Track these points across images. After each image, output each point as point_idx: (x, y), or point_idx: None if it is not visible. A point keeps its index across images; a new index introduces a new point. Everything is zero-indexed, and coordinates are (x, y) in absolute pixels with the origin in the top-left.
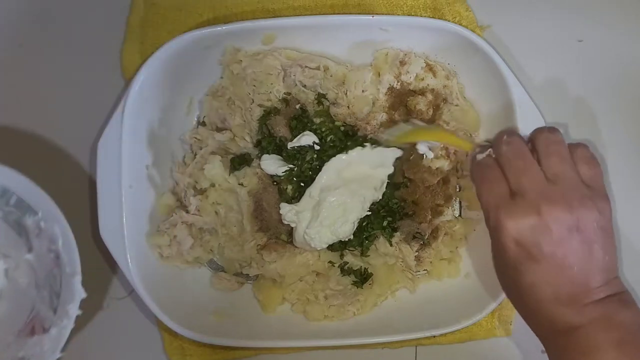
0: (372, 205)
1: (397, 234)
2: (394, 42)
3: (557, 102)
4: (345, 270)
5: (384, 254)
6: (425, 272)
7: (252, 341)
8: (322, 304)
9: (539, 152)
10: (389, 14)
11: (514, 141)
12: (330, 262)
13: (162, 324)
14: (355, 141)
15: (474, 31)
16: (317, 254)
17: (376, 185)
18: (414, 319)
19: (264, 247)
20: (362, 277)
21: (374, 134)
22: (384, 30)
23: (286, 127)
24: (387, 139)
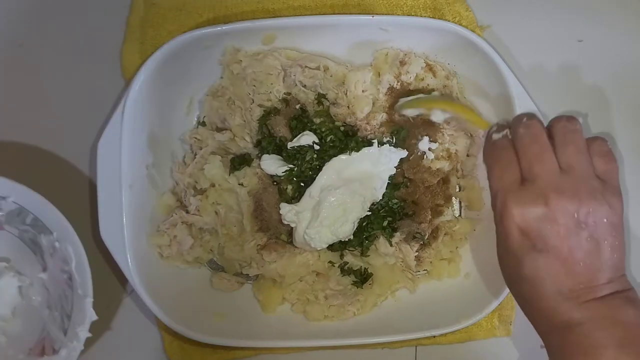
0: (372, 205)
1: (397, 234)
2: (394, 42)
3: (557, 102)
4: (345, 270)
5: (384, 254)
6: (425, 272)
7: (252, 341)
8: (322, 304)
9: (556, 140)
10: (389, 14)
11: (533, 125)
12: (330, 262)
13: (162, 324)
14: (355, 141)
15: (474, 31)
16: (317, 254)
17: (376, 185)
18: (414, 319)
19: (264, 247)
20: (362, 277)
21: (374, 134)
22: (384, 30)
23: (286, 127)
24: (401, 104)
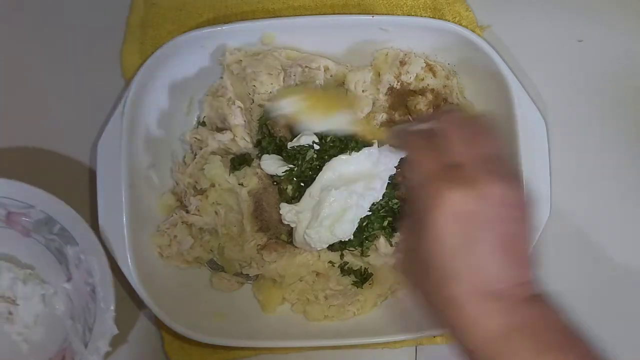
0: (372, 205)
1: (397, 234)
2: (394, 42)
3: (557, 102)
4: (345, 270)
5: (384, 254)
6: None
7: (252, 341)
8: (322, 304)
9: (473, 132)
10: (389, 14)
11: (454, 113)
12: (330, 262)
13: (162, 324)
14: (355, 141)
15: (474, 31)
16: (317, 254)
17: (376, 185)
18: (414, 319)
19: (264, 247)
20: (362, 277)
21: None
22: (384, 30)
23: (286, 127)
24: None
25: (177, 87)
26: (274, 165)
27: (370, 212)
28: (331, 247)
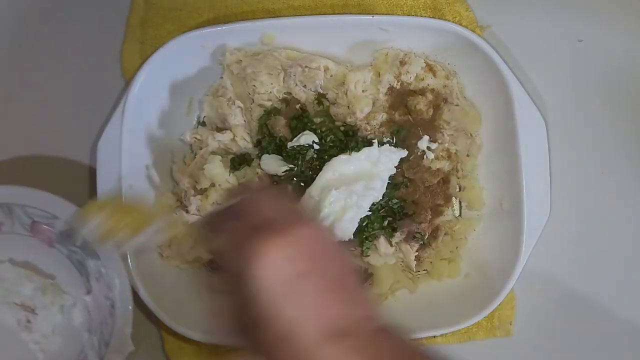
0: (372, 205)
1: (397, 234)
2: (394, 42)
3: (557, 102)
4: None
5: (384, 254)
6: (425, 272)
7: None
8: None
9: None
10: (389, 14)
11: (246, 190)
12: None
13: (162, 324)
14: (355, 141)
15: (474, 31)
16: None
17: (376, 185)
18: (414, 319)
19: None
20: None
21: (374, 134)
22: (384, 30)
23: (286, 127)
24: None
25: (177, 87)
26: (274, 165)
27: (370, 212)
28: None
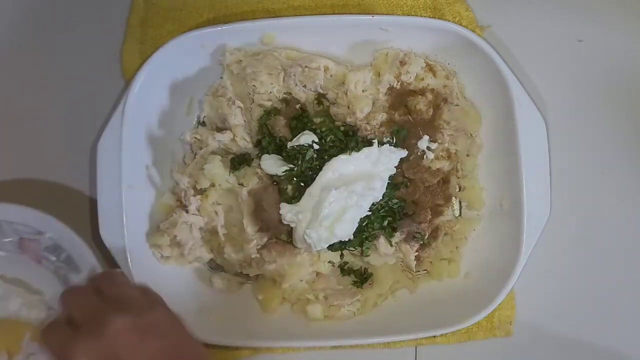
0: (372, 205)
1: (397, 234)
2: (394, 42)
3: (557, 102)
4: (345, 270)
5: (384, 254)
6: (425, 272)
7: (252, 341)
8: (322, 304)
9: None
10: (389, 14)
11: (69, 291)
12: (330, 262)
13: None
14: (355, 141)
15: (474, 31)
16: (317, 254)
17: (376, 185)
18: (414, 319)
19: (264, 247)
20: (362, 277)
21: (374, 134)
22: (384, 30)
23: (286, 127)
24: None
25: (177, 87)
26: (274, 165)
27: (370, 212)
28: (331, 247)
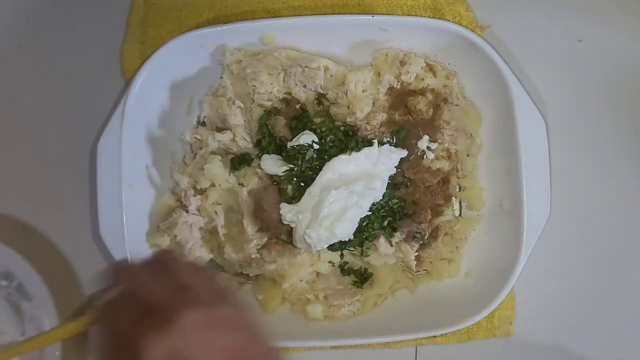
0: (372, 205)
1: (397, 234)
2: (394, 42)
3: (557, 102)
4: (345, 270)
5: (384, 254)
6: (425, 272)
7: None
8: (322, 304)
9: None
10: (389, 14)
11: (133, 267)
12: (330, 262)
13: None
14: (355, 141)
15: (474, 31)
16: (317, 254)
17: (376, 185)
18: (414, 319)
19: (264, 247)
20: (362, 277)
21: (374, 134)
22: (384, 30)
23: (286, 127)
24: None
25: (177, 87)
26: (274, 165)
27: (370, 212)
28: (331, 247)
